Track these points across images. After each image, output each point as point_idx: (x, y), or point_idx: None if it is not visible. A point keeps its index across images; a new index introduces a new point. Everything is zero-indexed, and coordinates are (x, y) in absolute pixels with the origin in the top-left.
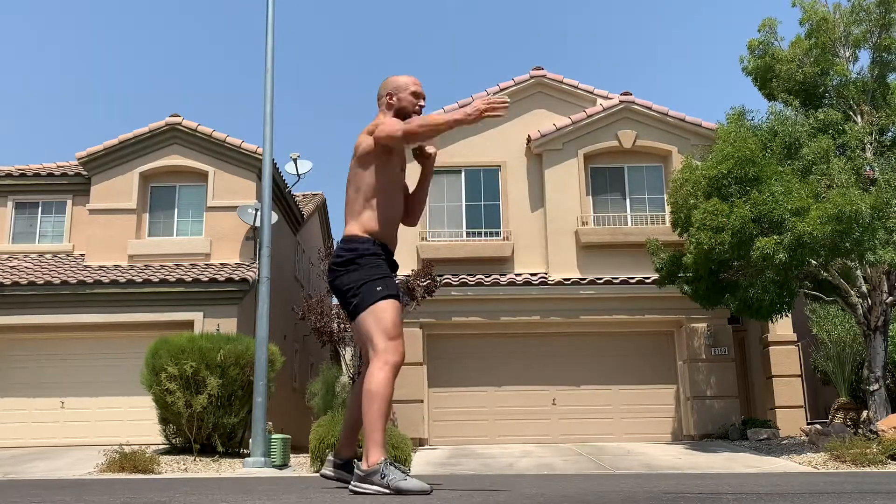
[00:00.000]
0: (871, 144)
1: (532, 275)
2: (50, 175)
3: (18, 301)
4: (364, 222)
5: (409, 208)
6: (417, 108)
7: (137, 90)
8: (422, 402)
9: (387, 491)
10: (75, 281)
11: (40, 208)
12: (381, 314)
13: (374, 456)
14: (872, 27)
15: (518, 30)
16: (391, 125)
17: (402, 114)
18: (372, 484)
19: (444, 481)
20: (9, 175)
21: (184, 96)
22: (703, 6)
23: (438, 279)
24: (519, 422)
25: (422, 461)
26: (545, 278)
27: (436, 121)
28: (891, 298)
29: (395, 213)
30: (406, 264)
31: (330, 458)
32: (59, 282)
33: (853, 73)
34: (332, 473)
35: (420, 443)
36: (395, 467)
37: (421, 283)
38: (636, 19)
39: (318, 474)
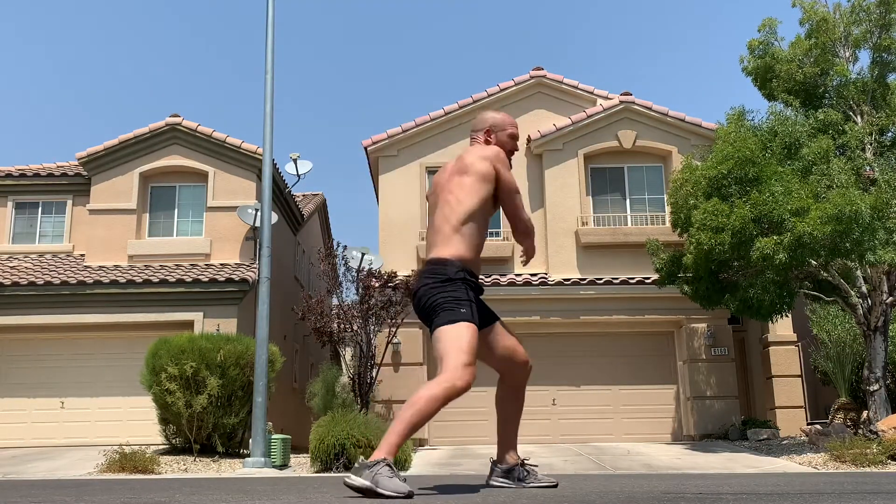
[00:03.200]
0: (871, 145)
1: (532, 275)
2: (50, 175)
3: (18, 301)
4: (459, 248)
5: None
6: (512, 149)
7: (137, 90)
8: None
9: (368, 484)
10: (75, 281)
11: (40, 208)
12: (461, 335)
13: (378, 453)
14: (872, 27)
15: (518, 30)
16: (512, 182)
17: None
18: (360, 476)
19: (444, 481)
20: (9, 175)
21: (184, 96)
22: (703, 6)
23: None
24: (522, 422)
25: (422, 461)
26: (545, 278)
27: (530, 230)
28: (891, 299)
29: (482, 241)
30: (406, 265)
31: (495, 467)
32: (59, 282)
33: (853, 73)
34: (498, 483)
35: (420, 443)
36: (389, 468)
37: None
38: (636, 19)
39: (318, 475)
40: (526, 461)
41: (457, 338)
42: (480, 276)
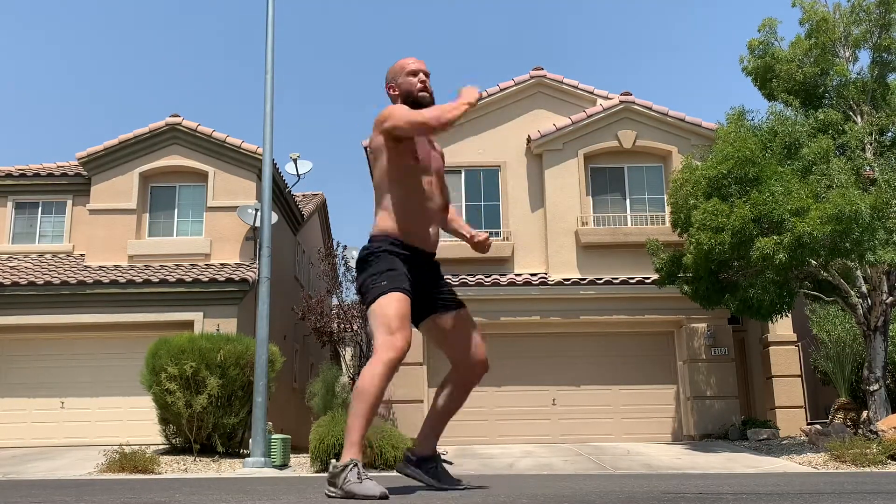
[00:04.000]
0: (870, 144)
1: (532, 275)
2: (50, 175)
3: (18, 301)
4: (380, 222)
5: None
6: (420, 86)
7: (137, 90)
8: (422, 402)
9: (340, 493)
10: (75, 281)
11: (40, 208)
12: (382, 308)
13: (344, 456)
14: (872, 27)
15: (518, 30)
16: (398, 116)
17: (408, 99)
18: (333, 486)
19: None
20: (9, 175)
21: (184, 96)
22: (703, 6)
23: None
24: (519, 422)
25: None
26: (545, 278)
27: (448, 114)
28: (891, 299)
29: (416, 204)
30: None
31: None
32: (59, 282)
33: (853, 73)
34: (406, 471)
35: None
36: (358, 469)
37: None
38: (636, 19)
39: (318, 475)
40: (442, 455)
41: (380, 313)
42: (480, 276)
